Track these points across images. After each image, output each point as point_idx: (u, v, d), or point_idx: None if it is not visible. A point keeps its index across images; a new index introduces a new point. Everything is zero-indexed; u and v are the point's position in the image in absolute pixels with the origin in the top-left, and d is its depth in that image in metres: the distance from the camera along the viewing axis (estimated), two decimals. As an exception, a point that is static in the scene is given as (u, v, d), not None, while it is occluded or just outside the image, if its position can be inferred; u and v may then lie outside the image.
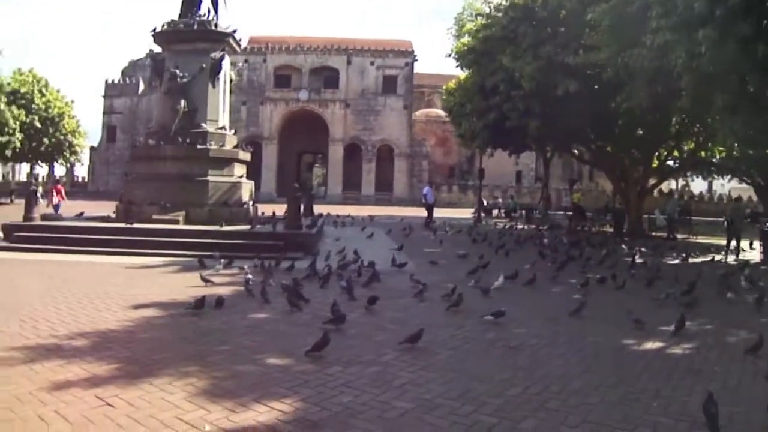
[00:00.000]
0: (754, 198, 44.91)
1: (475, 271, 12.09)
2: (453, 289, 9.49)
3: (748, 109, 14.76)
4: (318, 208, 32.13)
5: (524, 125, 22.24)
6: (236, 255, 13.25)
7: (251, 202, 18.75)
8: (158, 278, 11.25)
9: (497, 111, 23.03)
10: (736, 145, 19.95)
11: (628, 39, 16.71)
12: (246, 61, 54.38)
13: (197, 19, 18.59)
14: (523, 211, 34.56)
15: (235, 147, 18.74)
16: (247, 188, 18.72)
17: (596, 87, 20.98)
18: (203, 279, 10.45)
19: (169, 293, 9.60)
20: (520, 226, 29.76)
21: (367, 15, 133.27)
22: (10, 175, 55.00)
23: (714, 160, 29.58)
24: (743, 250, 19.63)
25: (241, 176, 18.57)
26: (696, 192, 57.45)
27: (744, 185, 44.40)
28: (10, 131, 33.00)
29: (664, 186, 55.87)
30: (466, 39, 26.38)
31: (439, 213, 37.63)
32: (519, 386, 5.57)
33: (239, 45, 19.80)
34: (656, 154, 27.07)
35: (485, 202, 41.58)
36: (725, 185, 57.13)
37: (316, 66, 54.89)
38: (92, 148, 60.00)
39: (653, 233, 26.48)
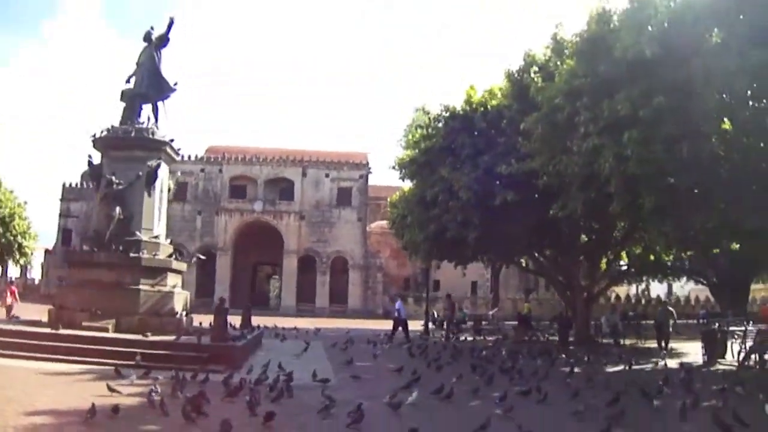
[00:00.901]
0: (711, 299, 45.76)
1: (408, 386, 11.59)
2: (358, 406, 9.13)
3: (678, 211, 15.08)
4: (271, 320, 31.60)
5: (464, 236, 22.35)
6: (156, 366, 12.90)
7: (184, 313, 18.24)
8: (69, 386, 10.90)
9: (437, 222, 23.20)
10: (673, 247, 20.07)
11: (560, 146, 17.20)
12: (202, 170, 54.77)
13: (137, 126, 18.75)
14: (472, 323, 34.24)
15: (170, 256, 18.43)
16: (180, 298, 18.28)
17: (536, 196, 21.21)
18: (109, 388, 10.17)
19: (72, 401, 9.34)
20: (470, 338, 29.41)
21: (324, 125, 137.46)
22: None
23: (668, 262, 29.96)
24: (671, 350, 19.71)
25: (174, 286, 18.16)
26: (655, 295, 58.10)
27: (700, 286, 45.22)
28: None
29: (622, 291, 56.42)
30: (410, 150, 26.88)
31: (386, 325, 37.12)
32: None
33: (177, 154, 19.93)
34: (604, 259, 27.39)
35: (436, 315, 41.21)
36: (684, 287, 57.99)
37: (272, 177, 55.30)
38: (47, 251, 58.83)
39: (602, 340, 26.24)
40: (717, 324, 20.44)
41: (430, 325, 33.95)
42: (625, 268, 31.27)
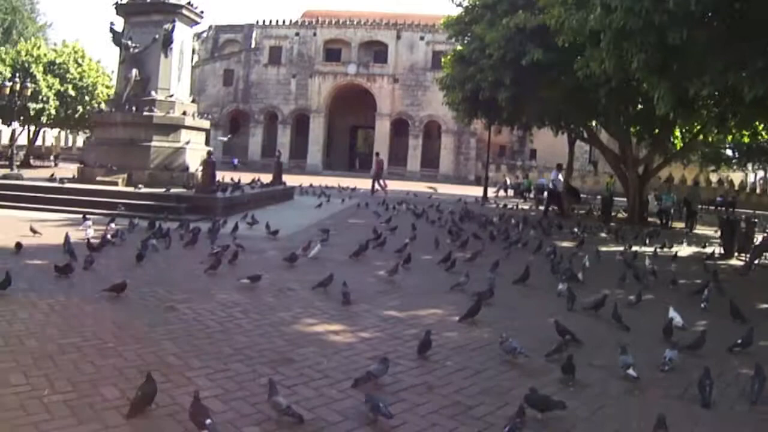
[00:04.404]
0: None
1: (364, 248, 11.38)
2: (235, 253, 9.76)
3: (671, 73, 13.56)
4: (353, 182, 32.80)
5: (495, 97, 21.41)
6: (136, 214, 13.83)
7: (200, 168, 19.17)
8: (25, 230, 11.52)
9: (472, 82, 22.31)
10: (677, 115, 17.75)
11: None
12: (297, 34, 55.28)
13: (158, -9, 19.15)
14: (533, 192, 33.47)
15: (184, 114, 19.13)
16: (196, 154, 19.10)
17: (578, 57, 19.68)
18: (32, 230, 11.27)
19: (2, 239, 10.45)
20: (525, 207, 29.01)
21: None
22: (42, 141, 55.73)
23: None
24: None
25: (188, 142, 19.00)
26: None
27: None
28: (45, 99, 35.21)
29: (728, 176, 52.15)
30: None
31: (474, 190, 37.09)
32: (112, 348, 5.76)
33: (200, 16, 20.17)
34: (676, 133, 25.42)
35: (508, 181, 40.73)
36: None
37: (366, 40, 54.81)
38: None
39: (655, 221, 24.59)
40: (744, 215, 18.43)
41: (491, 191, 33.74)
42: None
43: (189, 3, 19.39)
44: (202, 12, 20.22)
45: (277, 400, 4.28)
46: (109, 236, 11.04)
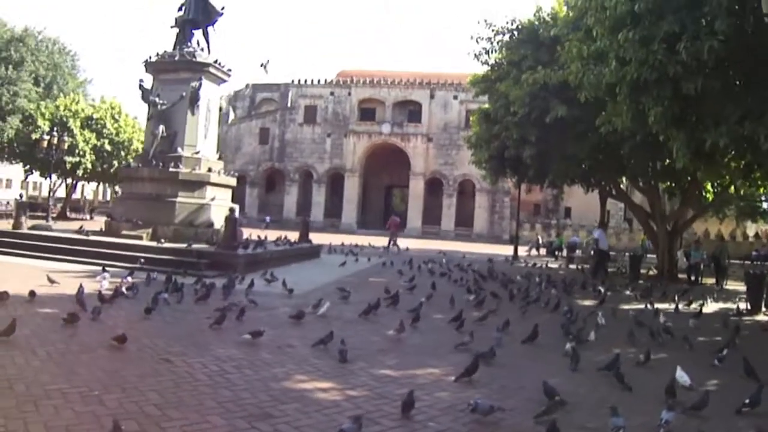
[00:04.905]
0: None
1: (375, 306, 11.19)
2: (242, 309, 9.78)
3: (687, 123, 13.41)
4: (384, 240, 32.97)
5: (521, 155, 21.38)
6: (156, 269, 14.08)
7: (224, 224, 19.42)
8: (44, 279, 11.79)
9: (498, 140, 22.38)
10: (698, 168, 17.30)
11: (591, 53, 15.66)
12: (332, 93, 56.46)
13: (185, 50, 19.85)
14: (565, 251, 32.96)
15: (209, 170, 19.51)
16: (221, 211, 19.26)
17: (602, 112, 19.64)
18: (49, 279, 11.60)
19: (23, 289, 10.50)
20: (555, 265, 28.60)
21: (454, 47, 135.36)
22: (78, 193, 57.37)
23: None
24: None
25: (213, 199, 19.33)
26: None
27: None
28: (81, 153, 36.54)
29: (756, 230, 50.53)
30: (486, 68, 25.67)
31: (507, 250, 36.71)
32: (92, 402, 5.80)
33: (227, 74, 20.83)
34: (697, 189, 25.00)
35: (540, 240, 40.37)
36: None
37: (400, 100, 55.64)
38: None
39: (690, 276, 23.96)
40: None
41: (522, 250, 33.40)
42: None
43: (216, 61, 20.06)
44: (229, 70, 20.88)
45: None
46: (123, 289, 11.22)
